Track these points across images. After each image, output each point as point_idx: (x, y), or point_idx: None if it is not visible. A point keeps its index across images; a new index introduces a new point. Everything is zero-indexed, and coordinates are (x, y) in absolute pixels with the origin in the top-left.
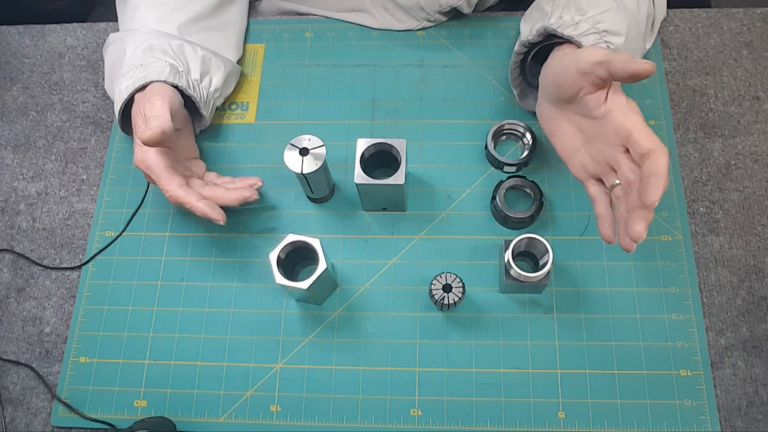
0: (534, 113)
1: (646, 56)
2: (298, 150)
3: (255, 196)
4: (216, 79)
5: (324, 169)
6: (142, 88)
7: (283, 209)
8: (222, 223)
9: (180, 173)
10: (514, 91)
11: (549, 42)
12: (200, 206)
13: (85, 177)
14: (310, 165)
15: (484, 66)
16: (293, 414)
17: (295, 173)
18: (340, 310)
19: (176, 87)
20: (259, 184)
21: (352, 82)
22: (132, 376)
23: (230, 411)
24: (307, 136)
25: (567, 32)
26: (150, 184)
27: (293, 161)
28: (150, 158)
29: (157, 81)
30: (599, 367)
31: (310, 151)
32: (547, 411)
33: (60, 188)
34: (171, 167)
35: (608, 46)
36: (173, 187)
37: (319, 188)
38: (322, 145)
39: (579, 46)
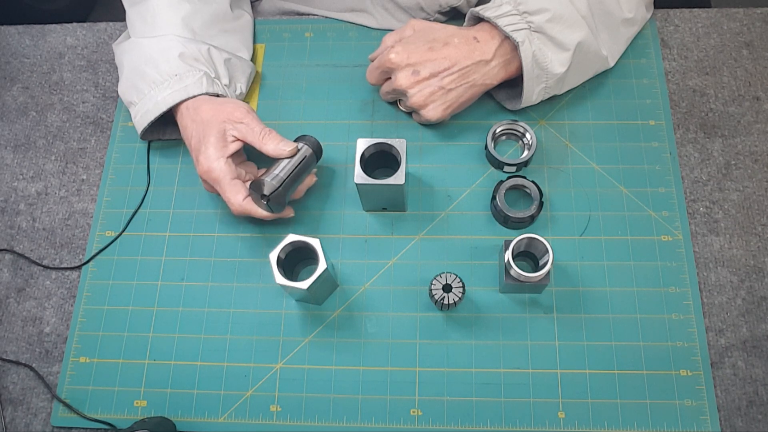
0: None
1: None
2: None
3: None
4: (241, 84)
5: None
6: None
7: None
8: (291, 215)
9: (241, 180)
10: (496, 97)
11: None
12: (266, 214)
13: (85, 177)
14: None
15: None
16: (293, 414)
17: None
18: (340, 310)
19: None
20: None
21: (352, 82)
22: (132, 376)
23: (230, 411)
24: None
25: (487, 14)
26: (149, 185)
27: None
28: (216, 170)
29: (197, 95)
30: (599, 367)
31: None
32: (547, 411)
33: (60, 188)
34: (236, 178)
35: (530, 26)
36: (239, 200)
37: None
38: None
39: (497, 26)
